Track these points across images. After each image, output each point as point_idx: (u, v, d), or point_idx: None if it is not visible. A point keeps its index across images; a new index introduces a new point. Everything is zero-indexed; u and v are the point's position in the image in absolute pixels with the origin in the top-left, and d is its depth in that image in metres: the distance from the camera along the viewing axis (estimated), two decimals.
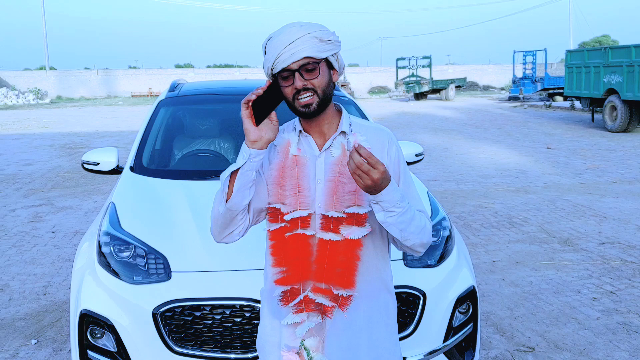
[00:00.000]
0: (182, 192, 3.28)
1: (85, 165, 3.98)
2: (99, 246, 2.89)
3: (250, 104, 1.65)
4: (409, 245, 1.73)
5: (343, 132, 1.79)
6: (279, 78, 1.71)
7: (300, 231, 1.74)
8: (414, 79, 36.28)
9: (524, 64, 31.79)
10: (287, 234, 1.75)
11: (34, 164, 12.16)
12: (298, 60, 1.67)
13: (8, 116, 27.69)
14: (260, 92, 1.65)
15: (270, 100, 1.68)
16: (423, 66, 36.69)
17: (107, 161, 3.95)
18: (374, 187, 1.57)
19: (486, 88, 50.62)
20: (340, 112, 1.83)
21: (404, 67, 37.32)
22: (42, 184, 9.93)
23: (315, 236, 1.74)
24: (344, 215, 1.72)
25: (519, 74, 32.34)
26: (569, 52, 19.43)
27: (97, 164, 3.95)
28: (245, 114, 1.66)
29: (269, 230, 1.80)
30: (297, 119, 1.82)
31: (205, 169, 3.78)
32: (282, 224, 1.76)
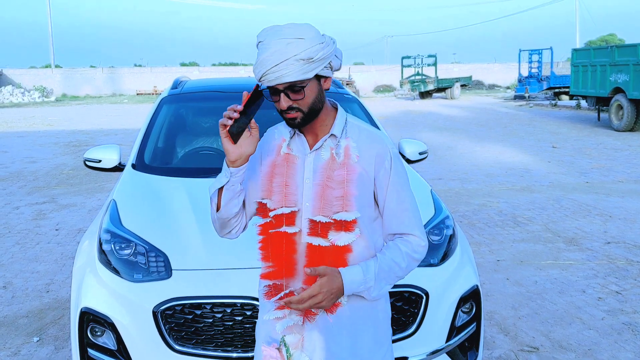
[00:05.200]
0: (183, 190, 3.27)
1: (88, 163, 3.98)
2: (100, 244, 2.87)
3: (227, 129, 1.65)
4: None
5: (333, 135, 1.77)
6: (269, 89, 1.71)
7: (284, 229, 1.75)
8: (419, 77, 36.21)
9: (530, 62, 31.67)
10: (270, 230, 1.77)
11: (38, 162, 12.18)
12: (283, 83, 1.66)
13: (13, 114, 27.78)
14: (236, 115, 1.64)
15: (251, 109, 1.65)
16: (428, 65, 36.58)
17: (109, 158, 3.94)
18: (335, 294, 1.67)
19: (492, 87, 50.48)
20: (336, 110, 1.81)
21: (409, 66, 37.25)
22: (46, 181, 9.94)
23: (302, 237, 1.75)
24: (332, 221, 1.72)
25: (525, 73, 32.22)
26: (575, 50, 19.34)
27: (99, 161, 3.95)
28: (223, 134, 1.66)
29: (257, 224, 1.83)
30: None
31: (207, 167, 3.75)
32: (268, 220, 1.78)
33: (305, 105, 1.69)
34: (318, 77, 1.71)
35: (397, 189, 1.78)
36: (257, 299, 2.49)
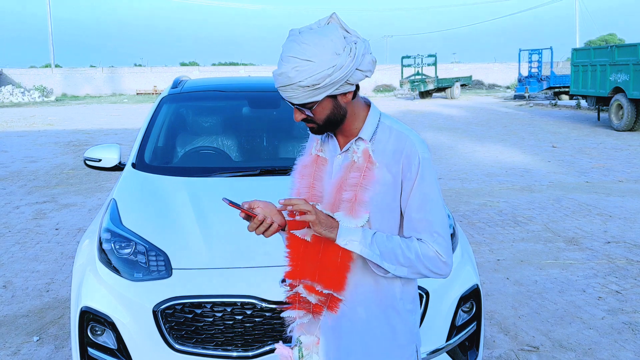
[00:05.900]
0: (183, 189, 3.27)
1: (88, 162, 3.98)
2: (100, 243, 2.87)
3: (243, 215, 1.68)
4: (405, 275, 1.68)
5: (361, 138, 1.71)
6: None
7: (306, 230, 1.71)
8: (419, 77, 36.16)
9: (530, 62, 31.63)
10: (291, 231, 1.74)
11: (38, 161, 12.18)
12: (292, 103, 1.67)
13: (13, 114, 27.77)
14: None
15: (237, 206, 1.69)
16: (428, 64, 36.52)
17: (109, 158, 3.94)
18: (330, 222, 1.62)
19: (491, 86, 50.45)
20: (368, 108, 1.75)
21: (409, 66, 37.18)
22: (46, 181, 9.94)
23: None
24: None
25: (525, 73, 32.18)
26: (575, 50, 19.33)
27: (100, 160, 3.95)
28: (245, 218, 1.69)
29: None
30: None
31: (207, 166, 3.76)
32: (293, 219, 1.73)
33: (318, 119, 1.67)
34: (333, 95, 1.65)
35: (420, 196, 1.69)
36: (257, 298, 2.50)
